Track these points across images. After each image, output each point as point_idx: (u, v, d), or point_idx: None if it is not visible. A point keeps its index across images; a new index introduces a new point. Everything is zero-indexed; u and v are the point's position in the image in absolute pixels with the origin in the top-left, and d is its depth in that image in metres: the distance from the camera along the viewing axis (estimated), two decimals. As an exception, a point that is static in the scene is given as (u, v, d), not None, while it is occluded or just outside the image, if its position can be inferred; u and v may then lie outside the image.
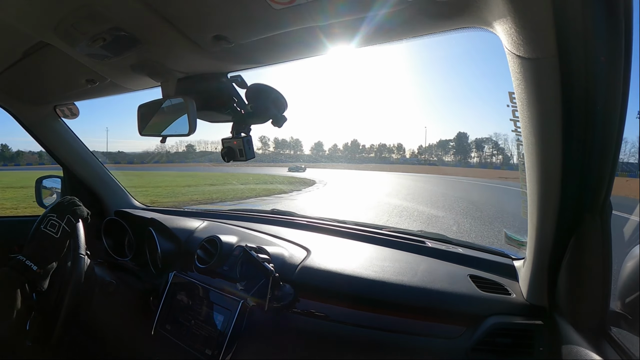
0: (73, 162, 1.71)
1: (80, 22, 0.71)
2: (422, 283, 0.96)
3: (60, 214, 1.02)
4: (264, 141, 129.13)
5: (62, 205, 1.06)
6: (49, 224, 1.00)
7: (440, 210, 9.33)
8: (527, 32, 0.52)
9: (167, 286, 1.18)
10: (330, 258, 1.10)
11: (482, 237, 5.93)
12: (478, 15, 0.61)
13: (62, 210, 1.03)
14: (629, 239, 0.81)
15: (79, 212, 1.06)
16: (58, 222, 1.00)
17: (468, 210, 9.20)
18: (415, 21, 0.66)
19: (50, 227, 0.99)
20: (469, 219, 7.80)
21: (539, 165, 0.66)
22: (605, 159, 0.60)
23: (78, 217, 1.06)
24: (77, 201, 1.10)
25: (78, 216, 1.06)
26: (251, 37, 0.75)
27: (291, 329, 0.98)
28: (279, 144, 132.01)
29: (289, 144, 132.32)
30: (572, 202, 0.67)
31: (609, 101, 0.54)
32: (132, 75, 0.98)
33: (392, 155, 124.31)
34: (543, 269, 0.80)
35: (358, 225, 1.45)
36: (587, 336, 0.70)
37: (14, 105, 1.47)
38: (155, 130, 0.94)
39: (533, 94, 0.58)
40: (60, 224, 1.00)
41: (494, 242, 5.34)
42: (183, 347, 1.07)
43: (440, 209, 9.56)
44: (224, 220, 1.56)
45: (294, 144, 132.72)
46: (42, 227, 0.99)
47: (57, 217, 1.01)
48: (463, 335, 0.87)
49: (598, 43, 0.50)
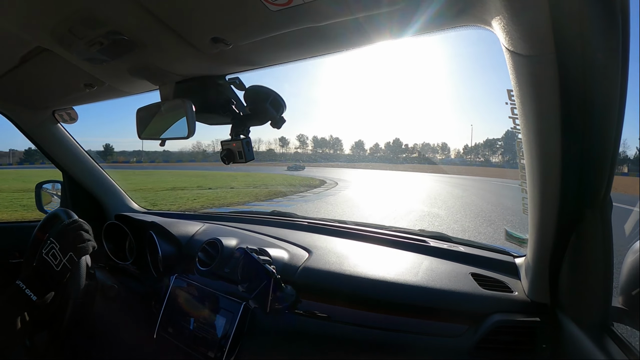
0: (73, 167, 1.71)
1: (78, 27, 0.71)
2: (424, 282, 0.96)
3: (63, 247, 0.96)
4: (302, 140, 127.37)
5: (67, 235, 0.99)
6: (50, 252, 0.94)
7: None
8: (524, 29, 0.52)
9: (169, 289, 1.18)
10: (331, 259, 1.10)
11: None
12: (475, 14, 0.61)
13: (65, 244, 0.97)
14: (630, 234, 0.81)
15: (83, 251, 0.99)
16: (60, 256, 0.94)
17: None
18: (412, 20, 0.66)
19: (51, 256, 0.94)
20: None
21: (539, 162, 0.66)
22: (605, 155, 0.60)
23: (81, 255, 0.99)
24: (84, 232, 1.02)
25: (81, 254, 0.99)
26: (248, 38, 0.75)
27: (293, 331, 0.98)
28: (318, 142, 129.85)
29: (328, 143, 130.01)
30: (572, 199, 0.67)
31: (607, 97, 0.54)
32: (130, 78, 0.98)
33: (436, 155, 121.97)
34: (544, 266, 0.80)
35: (359, 225, 1.45)
36: (589, 332, 0.70)
37: (12, 111, 1.47)
38: (154, 133, 0.94)
39: (531, 91, 0.58)
40: (62, 259, 0.94)
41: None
42: (185, 350, 1.07)
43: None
44: (224, 223, 1.57)
45: (334, 142, 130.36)
46: (44, 252, 0.94)
47: (59, 249, 0.95)
48: (466, 334, 0.87)
49: (595, 39, 0.50)
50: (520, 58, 0.56)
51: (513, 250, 1.13)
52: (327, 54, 0.84)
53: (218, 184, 19.15)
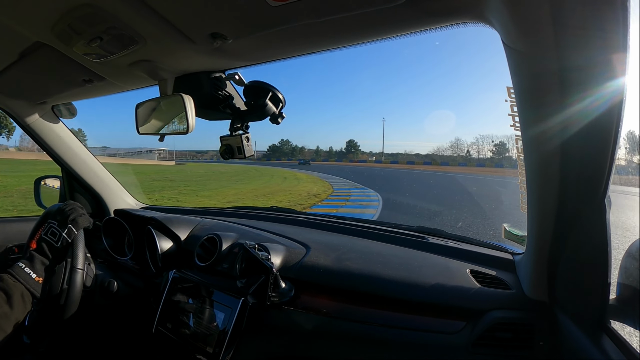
0: (72, 162, 1.71)
1: (77, 22, 0.71)
2: (422, 278, 0.96)
3: (61, 222, 0.99)
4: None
5: (63, 212, 1.03)
6: (49, 231, 0.97)
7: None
8: (524, 26, 0.51)
9: (167, 285, 1.18)
10: (329, 254, 1.10)
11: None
12: (475, 11, 0.60)
13: (63, 218, 1.00)
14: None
15: (81, 222, 1.03)
16: (59, 231, 0.97)
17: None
18: (412, 17, 0.66)
19: (50, 234, 0.97)
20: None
21: (537, 160, 0.66)
22: (603, 152, 0.60)
23: (80, 226, 1.02)
24: (80, 208, 1.06)
25: (80, 226, 1.02)
26: (248, 34, 0.75)
27: (292, 326, 0.98)
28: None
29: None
30: (571, 196, 0.67)
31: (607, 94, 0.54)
32: (129, 74, 0.98)
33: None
34: (542, 263, 0.80)
35: (357, 221, 1.46)
36: (586, 330, 0.70)
37: (11, 106, 1.46)
38: (153, 128, 0.94)
39: (531, 88, 0.58)
40: (61, 233, 0.97)
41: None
42: (184, 345, 1.07)
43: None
44: (223, 218, 1.57)
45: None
46: (43, 233, 0.97)
47: (58, 225, 0.98)
48: (463, 330, 0.87)
49: (595, 35, 0.49)
50: (520, 55, 0.55)
51: (511, 247, 1.13)
52: (326, 50, 0.83)
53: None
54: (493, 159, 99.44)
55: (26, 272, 0.90)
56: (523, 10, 0.50)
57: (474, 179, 26.89)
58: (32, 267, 0.92)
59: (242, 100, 0.96)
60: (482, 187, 18.52)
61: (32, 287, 0.91)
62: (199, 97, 0.89)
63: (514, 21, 0.52)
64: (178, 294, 1.16)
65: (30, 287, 0.91)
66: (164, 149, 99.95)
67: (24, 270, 0.90)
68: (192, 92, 0.88)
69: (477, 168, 67.62)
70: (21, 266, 0.91)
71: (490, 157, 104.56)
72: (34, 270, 0.92)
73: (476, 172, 46.64)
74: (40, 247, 0.95)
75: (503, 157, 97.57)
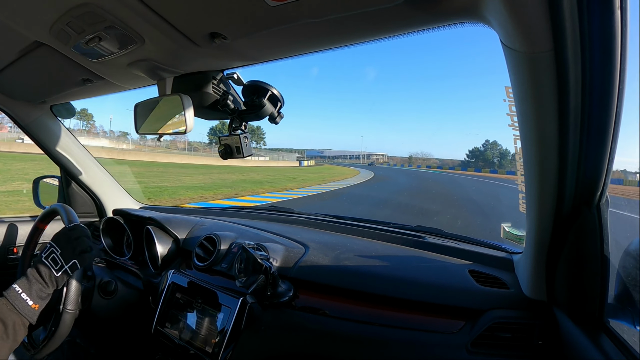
0: (70, 162, 1.70)
1: (76, 22, 0.71)
2: (420, 278, 0.96)
3: (65, 254, 0.92)
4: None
5: (70, 242, 0.94)
6: (50, 256, 0.91)
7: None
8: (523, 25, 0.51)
9: (166, 284, 1.18)
10: (328, 254, 1.10)
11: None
12: (474, 11, 0.60)
13: (69, 251, 0.92)
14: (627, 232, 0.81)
15: (87, 259, 0.95)
16: (61, 261, 0.90)
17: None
18: (411, 16, 0.66)
19: (51, 260, 0.90)
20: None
21: (536, 159, 0.66)
22: (602, 152, 0.60)
23: (84, 264, 0.94)
24: (87, 238, 0.97)
25: (84, 263, 0.94)
26: (247, 34, 0.74)
27: (290, 326, 0.98)
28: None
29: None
30: (569, 196, 0.67)
31: (605, 95, 0.54)
32: (128, 73, 0.98)
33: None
34: (541, 262, 0.80)
35: (356, 220, 1.46)
36: (585, 329, 0.71)
37: (10, 106, 1.46)
38: (152, 128, 0.94)
39: (529, 88, 0.58)
40: (63, 265, 0.90)
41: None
42: (183, 345, 1.07)
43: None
44: (222, 218, 1.57)
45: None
46: (43, 256, 0.91)
47: (61, 254, 0.91)
48: (462, 330, 0.87)
49: (594, 36, 0.49)
50: (519, 55, 0.55)
51: (510, 246, 1.13)
52: (325, 49, 0.83)
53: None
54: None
55: (23, 299, 0.86)
56: (521, 10, 0.50)
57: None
58: (29, 293, 0.87)
59: (240, 100, 0.96)
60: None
61: (28, 315, 0.86)
62: (197, 97, 0.89)
63: (512, 21, 0.52)
64: (177, 294, 1.16)
65: (26, 316, 0.86)
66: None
67: (21, 297, 0.86)
68: (190, 92, 0.87)
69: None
70: (18, 291, 0.86)
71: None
72: (30, 296, 0.86)
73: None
74: (39, 271, 0.90)
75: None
